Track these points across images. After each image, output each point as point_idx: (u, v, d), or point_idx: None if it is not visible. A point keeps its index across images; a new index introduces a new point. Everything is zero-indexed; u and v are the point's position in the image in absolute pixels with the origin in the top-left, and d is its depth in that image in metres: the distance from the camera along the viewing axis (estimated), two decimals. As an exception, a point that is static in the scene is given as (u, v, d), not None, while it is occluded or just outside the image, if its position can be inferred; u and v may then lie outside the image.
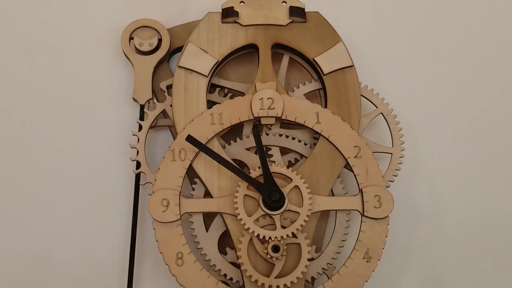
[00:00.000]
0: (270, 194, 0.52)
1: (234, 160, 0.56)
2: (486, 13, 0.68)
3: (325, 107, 0.58)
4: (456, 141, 0.64)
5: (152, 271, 0.58)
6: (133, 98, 0.60)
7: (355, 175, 0.55)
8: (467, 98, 0.65)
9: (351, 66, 0.59)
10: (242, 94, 0.60)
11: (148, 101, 0.60)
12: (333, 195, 0.56)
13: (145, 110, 0.59)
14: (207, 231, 0.55)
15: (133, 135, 0.58)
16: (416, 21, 0.68)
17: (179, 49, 0.62)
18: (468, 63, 0.66)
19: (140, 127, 0.59)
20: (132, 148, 0.58)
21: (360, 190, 0.55)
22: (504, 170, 0.63)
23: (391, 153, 0.58)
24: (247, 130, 0.58)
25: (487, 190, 0.62)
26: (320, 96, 0.60)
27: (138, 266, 0.58)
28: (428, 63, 0.66)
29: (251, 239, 0.53)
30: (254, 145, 0.56)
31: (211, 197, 0.54)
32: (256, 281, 0.52)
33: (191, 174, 0.56)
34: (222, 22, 0.59)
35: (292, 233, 0.53)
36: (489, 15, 0.68)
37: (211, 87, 0.60)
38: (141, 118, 0.60)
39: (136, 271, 0.57)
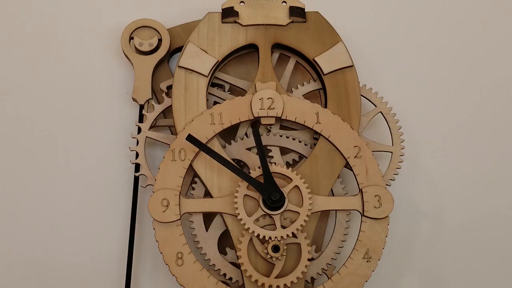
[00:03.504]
0: (270, 194, 0.52)
1: (234, 160, 0.56)
2: (485, 13, 0.68)
3: (325, 107, 0.58)
4: (456, 140, 0.64)
5: (151, 271, 0.58)
6: (132, 98, 0.60)
7: (355, 175, 0.55)
8: (467, 96, 0.65)
9: (351, 66, 0.59)
10: (243, 90, 0.60)
11: (148, 101, 0.60)
12: (333, 195, 0.56)
13: (144, 112, 0.59)
14: (207, 231, 0.55)
15: (133, 137, 0.58)
16: (415, 21, 0.68)
17: (179, 49, 0.62)
18: (467, 62, 0.66)
19: (139, 129, 0.58)
20: (132, 151, 0.58)
21: (360, 190, 0.55)
22: (504, 169, 0.63)
23: (391, 152, 0.58)
24: (242, 131, 0.58)
25: (488, 189, 0.62)
26: (320, 96, 0.60)
27: (137, 266, 0.58)
28: (427, 62, 0.66)
29: (251, 239, 0.53)
30: (254, 145, 0.56)
31: (211, 197, 0.55)
32: (256, 281, 0.52)
33: (191, 174, 0.56)
34: (222, 22, 0.59)
35: (292, 233, 0.53)
36: (489, 15, 0.68)
37: (212, 85, 0.60)
38: (140, 118, 0.59)
39: (135, 272, 0.57)
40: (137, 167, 0.58)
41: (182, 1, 0.67)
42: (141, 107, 0.60)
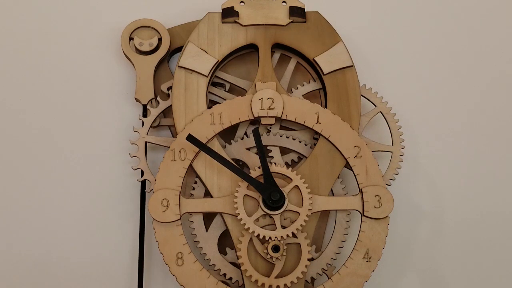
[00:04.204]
0: (270, 194, 0.52)
1: (234, 160, 0.56)
2: (485, 13, 0.68)
3: (325, 107, 0.58)
4: (456, 140, 0.64)
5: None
6: (135, 98, 0.60)
7: (355, 175, 0.55)
8: (467, 96, 0.65)
9: (351, 66, 0.59)
10: (244, 90, 0.60)
11: (151, 100, 0.60)
12: (333, 195, 0.56)
13: (148, 107, 0.59)
14: (207, 231, 0.55)
15: (132, 143, 0.58)
16: (415, 21, 0.68)
17: (179, 49, 0.62)
18: (467, 62, 0.66)
19: (143, 124, 0.58)
20: (132, 144, 0.58)
21: (360, 190, 0.55)
22: (504, 169, 0.63)
23: (391, 152, 0.58)
24: (241, 131, 0.58)
25: (487, 189, 0.62)
26: (320, 96, 0.60)
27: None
28: (427, 62, 0.66)
29: (251, 239, 0.53)
30: (254, 145, 0.56)
31: (211, 197, 0.55)
32: (256, 281, 0.52)
33: (191, 174, 0.56)
34: (222, 22, 0.59)
35: (292, 233, 0.53)
36: (489, 15, 0.68)
37: (212, 84, 0.60)
38: (145, 116, 0.59)
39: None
40: (142, 172, 0.57)
41: (182, 1, 0.67)
42: (144, 107, 0.60)
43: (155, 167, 0.58)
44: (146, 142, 0.58)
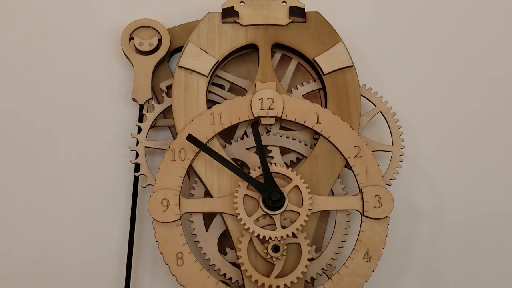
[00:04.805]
0: (270, 194, 0.52)
1: (234, 160, 0.56)
2: (485, 13, 0.68)
3: (325, 107, 0.58)
4: (456, 140, 0.64)
5: (151, 271, 0.58)
6: (132, 98, 0.60)
7: (355, 175, 0.55)
8: (466, 96, 0.65)
9: (351, 66, 0.59)
10: (244, 89, 0.60)
11: (148, 101, 0.60)
12: (333, 195, 0.56)
13: (144, 112, 0.59)
14: (207, 231, 0.55)
15: (133, 137, 0.58)
16: (415, 20, 0.68)
17: (179, 49, 0.62)
18: (467, 62, 0.66)
19: (139, 129, 0.58)
20: (132, 151, 0.58)
21: (360, 190, 0.55)
22: (504, 169, 0.63)
23: (391, 152, 0.58)
24: (241, 131, 0.58)
25: (487, 189, 0.62)
26: (320, 96, 0.60)
27: (136, 266, 0.58)
28: (427, 62, 0.66)
29: (251, 239, 0.53)
30: (254, 145, 0.56)
31: (211, 197, 0.55)
32: (256, 281, 0.52)
33: (191, 174, 0.56)
34: (222, 22, 0.59)
35: (292, 233, 0.53)
36: (488, 15, 0.68)
37: (212, 84, 0.60)
38: (140, 118, 0.59)
39: (134, 272, 0.57)
40: (137, 167, 0.58)
41: (182, 1, 0.67)
42: (141, 107, 0.60)
43: (154, 167, 0.58)
44: (145, 139, 0.58)
